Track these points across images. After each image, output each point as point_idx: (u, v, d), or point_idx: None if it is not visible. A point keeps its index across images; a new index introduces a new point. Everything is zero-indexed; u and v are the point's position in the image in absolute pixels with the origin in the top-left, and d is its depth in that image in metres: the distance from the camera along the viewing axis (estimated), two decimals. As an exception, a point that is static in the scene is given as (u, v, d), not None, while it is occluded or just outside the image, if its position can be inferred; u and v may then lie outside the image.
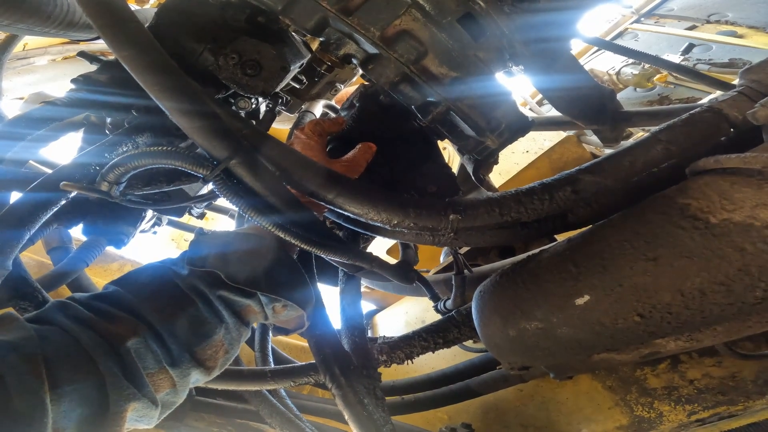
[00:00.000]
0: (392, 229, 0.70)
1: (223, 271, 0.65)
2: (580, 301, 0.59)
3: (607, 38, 3.31)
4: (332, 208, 0.68)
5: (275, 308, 0.71)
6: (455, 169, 1.28)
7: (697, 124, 0.66)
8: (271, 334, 1.35)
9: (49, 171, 0.88)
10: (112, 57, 0.94)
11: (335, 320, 0.87)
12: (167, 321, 0.62)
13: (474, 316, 0.74)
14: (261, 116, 1.07)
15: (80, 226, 1.08)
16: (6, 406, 0.45)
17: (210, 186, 0.64)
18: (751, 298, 0.51)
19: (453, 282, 1.01)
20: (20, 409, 0.45)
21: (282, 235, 0.64)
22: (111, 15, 0.57)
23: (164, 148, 0.58)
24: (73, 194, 0.76)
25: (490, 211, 0.68)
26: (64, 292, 1.28)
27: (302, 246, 0.66)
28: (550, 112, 2.61)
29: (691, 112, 0.68)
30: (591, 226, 0.68)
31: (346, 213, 0.68)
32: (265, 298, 0.69)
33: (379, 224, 0.69)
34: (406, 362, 0.96)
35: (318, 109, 1.34)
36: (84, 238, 1.11)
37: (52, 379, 0.50)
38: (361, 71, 0.86)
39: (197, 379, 0.66)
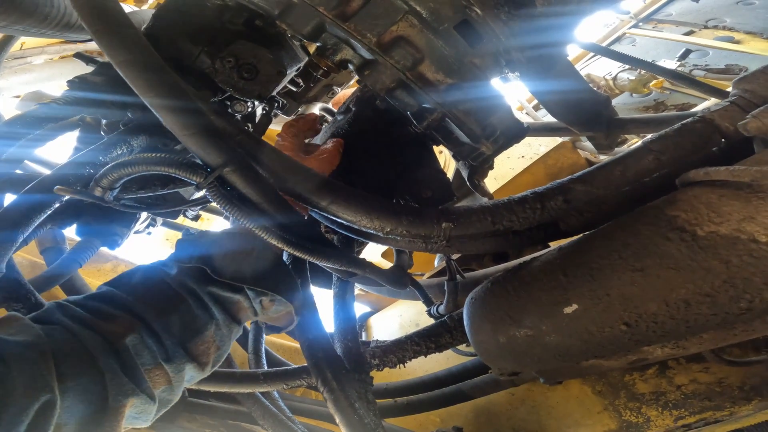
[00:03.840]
0: (385, 236, 0.70)
1: (209, 267, 0.67)
2: (568, 310, 0.60)
3: (605, 43, 3.33)
4: (326, 214, 0.69)
5: (263, 303, 0.72)
6: (450, 174, 1.29)
7: (688, 135, 0.67)
8: (264, 334, 1.36)
9: (45, 171, 0.88)
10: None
11: (328, 324, 0.88)
12: (161, 318, 0.64)
13: (465, 323, 0.75)
14: (257, 119, 1.07)
15: (74, 226, 1.08)
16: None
17: (204, 191, 0.64)
18: (736, 309, 0.52)
19: (446, 288, 1.01)
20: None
21: (275, 242, 0.64)
22: (106, 21, 0.57)
23: (158, 154, 0.59)
24: (66, 197, 0.76)
25: (483, 219, 0.69)
26: (57, 293, 1.28)
27: (295, 253, 0.66)
28: (546, 117, 2.62)
29: (683, 122, 0.69)
30: (582, 235, 0.69)
31: (339, 220, 0.69)
32: (251, 292, 0.70)
33: (372, 231, 0.69)
34: (398, 366, 0.96)
35: (314, 112, 1.35)
36: (77, 239, 1.11)
37: (58, 374, 0.51)
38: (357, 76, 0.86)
39: (192, 376, 0.67)
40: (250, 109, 0.98)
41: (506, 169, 2.13)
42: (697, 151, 0.67)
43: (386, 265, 0.92)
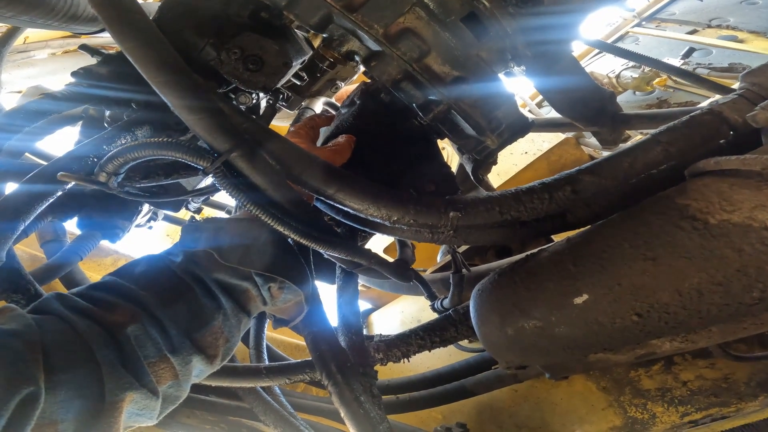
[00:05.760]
0: (392, 226, 0.69)
1: (216, 252, 0.64)
2: (578, 300, 0.59)
3: (609, 41, 3.33)
4: (332, 203, 0.68)
5: (272, 290, 0.70)
6: (454, 169, 1.28)
7: (697, 127, 0.67)
8: (271, 327, 1.35)
9: (46, 163, 0.87)
10: (113, 50, 0.94)
11: (332, 318, 0.87)
12: (166, 307, 0.61)
13: (472, 315, 0.74)
14: (261, 112, 1.06)
15: (75, 219, 1.07)
16: None
17: (208, 180, 0.64)
18: (748, 299, 0.51)
19: (451, 280, 1.01)
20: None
21: (281, 229, 0.64)
22: (117, 6, 0.56)
23: (165, 139, 0.58)
24: (69, 186, 0.76)
25: (490, 209, 0.68)
26: (57, 285, 1.27)
27: (301, 241, 0.66)
28: (550, 113, 2.61)
29: (692, 114, 0.68)
30: (590, 226, 0.68)
31: (345, 208, 0.68)
32: (260, 279, 0.68)
33: (378, 220, 0.69)
34: (402, 361, 0.95)
35: (318, 106, 1.34)
36: (78, 232, 1.10)
37: (49, 366, 0.49)
38: (362, 68, 0.86)
39: (200, 370, 0.65)
40: (254, 101, 0.98)
41: (509, 164, 2.12)
42: (706, 143, 0.67)
43: (389, 260, 0.91)
